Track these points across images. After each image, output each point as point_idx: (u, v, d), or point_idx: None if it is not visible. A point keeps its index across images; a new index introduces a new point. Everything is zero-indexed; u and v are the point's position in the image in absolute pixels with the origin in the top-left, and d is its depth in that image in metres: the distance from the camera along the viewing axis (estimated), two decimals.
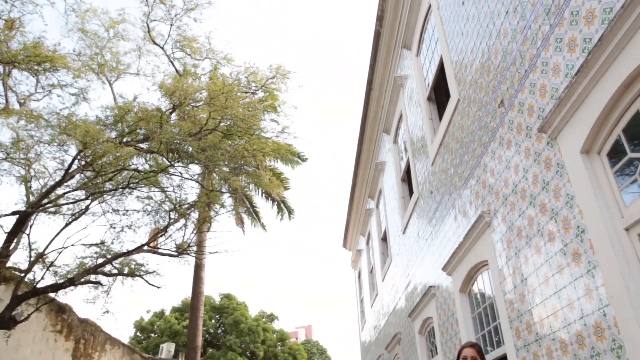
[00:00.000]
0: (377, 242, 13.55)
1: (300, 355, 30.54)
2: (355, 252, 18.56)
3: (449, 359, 7.04)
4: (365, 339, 17.22)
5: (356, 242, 18.17)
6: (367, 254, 16.07)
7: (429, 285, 7.96)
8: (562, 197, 3.89)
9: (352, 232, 18.08)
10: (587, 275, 3.58)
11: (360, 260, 17.75)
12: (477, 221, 5.52)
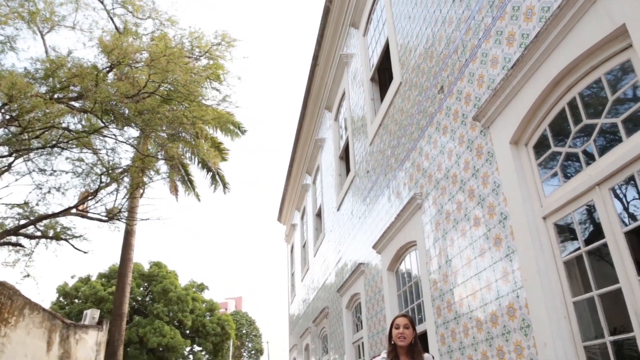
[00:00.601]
0: (312, 218, 13.70)
1: (228, 326, 30.59)
2: (290, 227, 18.68)
3: (373, 334, 7.30)
4: (294, 312, 17.50)
5: (291, 216, 18.28)
6: (301, 229, 16.22)
7: (359, 262, 8.16)
8: (490, 185, 4.08)
9: (288, 206, 18.16)
10: (506, 259, 3.80)
11: (294, 235, 17.90)
12: (409, 202, 5.70)
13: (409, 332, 3.57)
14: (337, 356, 9.88)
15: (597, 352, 3.20)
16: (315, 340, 12.67)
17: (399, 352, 3.57)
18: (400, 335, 3.54)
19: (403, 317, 3.65)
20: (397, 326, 3.58)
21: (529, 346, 3.49)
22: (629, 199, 3.88)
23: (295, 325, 17.05)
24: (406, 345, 3.54)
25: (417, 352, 3.58)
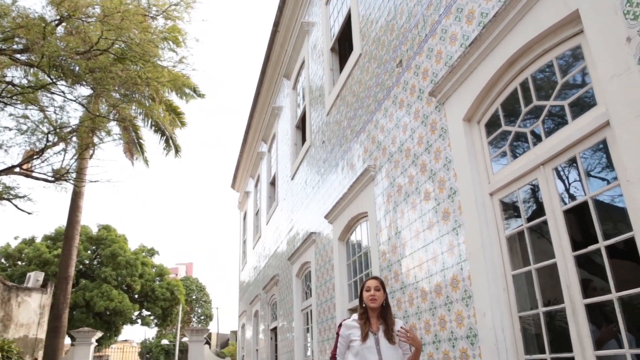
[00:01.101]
0: (266, 186, 13.67)
1: (178, 291, 30.42)
2: (243, 194, 18.59)
3: (322, 302, 7.45)
4: (245, 279, 17.58)
5: (245, 183, 18.17)
6: (254, 197, 16.17)
7: (311, 231, 8.24)
8: (442, 160, 4.17)
9: (242, 173, 18.02)
10: (453, 233, 3.93)
11: (247, 202, 17.84)
12: (362, 174, 5.76)
13: (380, 294, 3.47)
14: (286, 323, 10.05)
15: (531, 322, 3.39)
16: (264, 307, 12.81)
17: (370, 314, 3.47)
18: (372, 297, 3.44)
19: (374, 279, 3.56)
20: (368, 288, 3.48)
21: (469, 316, 3.65)
22: (570, 179, 4.06)
23: (245, 292, 17.16)
24: (377, 307, 3.46)
25: (388, 314, 3.49)
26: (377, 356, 3.29)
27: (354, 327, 3.44)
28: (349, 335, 3.43)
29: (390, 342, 3.33)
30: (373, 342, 3.34)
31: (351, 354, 3.39)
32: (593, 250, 2.85)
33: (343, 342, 3.46)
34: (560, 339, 3.17)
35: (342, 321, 3.56)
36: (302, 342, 8.88)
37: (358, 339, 3.36)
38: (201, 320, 49.38)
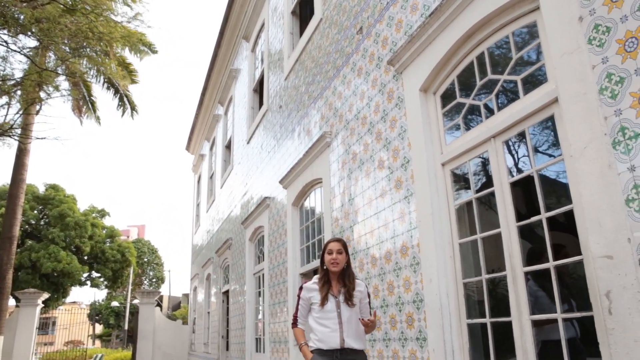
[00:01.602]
0: (221, 149, 13.48)
1: (129, 253, 29.95)
2: (198, 157, 18.29)
3: (274, 266, 7.51)
4: (198, 242, 17.48)
5: (200, 146, 17.85)
6: (209, 160, 15.95)
7: (265, 196, 8.23)
8: (397, 129, 4.21)
9: (197, 136, 17.68)
10: (404, 201, 4.00)
11: (202, 165, 17.58)
12: (318, 140, 5.76)
13: (342, 257, 3.34)
14: (238, 286, 10.10)
15: (474, 288, 3.53)
16: (217, 270, 12.82)
17: (331, 277, 3.37)
18: (333, 261, 3.31)
19: (336, 241, 3.40)
20: (330, 251, 3.35)
21: (416, 282, 3.77)
22: (518, 153, 4.19)
23: (198, 255, 17.08)
24: (339, 271, 3.35)
25: (349, 276, 3.37)
26: (337, 319, 3.25)
27: (315, 290, 3.36)
28: (309, 298, 3.37)
29: (350, 305, 3.28)
30: (333, 306, 3.28)
31: (312, 318, 3.36)
32: (536, 222, 2.98)
33: (304, 305, 3.41)
34: (500, 304, 3.33)
35: (303, 284, 3.48)
36: (254, 306, 8.97)
37: (318, 303, 3.30)
38: (153, 282, 49.03)
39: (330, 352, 3.22)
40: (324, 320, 3.28)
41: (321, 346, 3.24)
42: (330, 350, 3.22)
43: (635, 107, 2.24)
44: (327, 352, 3.22)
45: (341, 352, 3.22)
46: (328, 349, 3.22)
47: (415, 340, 3.73)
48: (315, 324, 3.32)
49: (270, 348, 7.44)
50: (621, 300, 2.21)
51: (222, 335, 11.82)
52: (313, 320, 3.35)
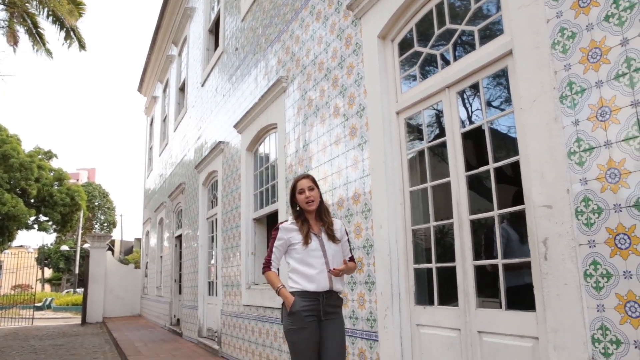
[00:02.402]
0: (175, 91, 13.07)
1: (79, 197, 29.16)
2: (151, 99, 17.69)
3: (228, 210, 7.49)
4: (150, 186, 17.18)
5: (153, 88, 17.24)
6: (162, 102, 15.46)
7: (219, 140, 8.10)
8: (354, 76, 4.17)
9: (150, 77, 17.03)
10: (358, 149, 4.02)
11: (155, 108, 17.05)
12: (274, 85, 5.65)
13: (315, 193, 3.10)
14: (191, 231, 10.07)
15: (422, 235, 3.64)
16: (169, 214, 12.70)
17: (307, 216, 3.12)
18: (308, 200, 3.06)
19: (305, 178, 3.14)
20: (302, 190, 3.09)
21: (367, 228, 3.85)
22: (471, 104, 4.25)
23: (150, 200, 16.84)
24: (315, 209, 3.11)
25: (324, 211, 3.16)
26: (324, 259, 3.01)
27: (294, 231, 3.08)
28: (288, 240, 3.08)
29: (334, 242, 3.07)
30: (318, 245, 3.03)
31: (293, 259, 3.08)
32: (484, 175, 3.07)
33: (281, 247, 3.11)
34: (445, 250, 3.46)
35: (279, 224, 3.17)
36: (207, 250, 9.00)
37: (299, 243, 3.03)
38: (104, 227, 48.25)
39: (316, 294, 2.97)
40: (310, 260, 3.01)
41: (308, 287, 2.97)
42: (316, 292, 2.97)
43: (583, 63, 2.29)
44: (313, 294, 2.97)
45: (327, 294, 3.01)
46: (315, 290, 2.96)
47: (364, 284, 3.85)
48: (299, 265, 3.04)
49: (222, 291, 7.54)
50: (556, 247, 2.33)
51: (174, 279, 11.86)
52: (295, 261, 3.06)
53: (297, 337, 2.96)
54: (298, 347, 2.97)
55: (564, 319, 2.27)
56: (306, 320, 2.95)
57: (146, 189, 18.32)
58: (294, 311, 2.95)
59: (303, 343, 2.95)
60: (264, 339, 5.75)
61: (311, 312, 2.96)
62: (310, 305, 2.96)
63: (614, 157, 2.13)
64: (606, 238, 2.14)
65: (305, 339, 2.95)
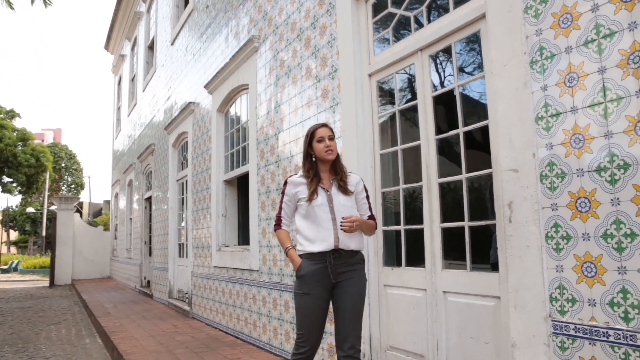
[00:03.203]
0: (143, 50, 12.67)
1: (44, 158, 28.41)
2: (118, 57, 17.13)
3: (198, 172, 7.42)
4: (119, 147, 16.83)
5: (120, 45, 16.67)
6: (130, 61, 14.99)
7: (189, 101, 7.94)
8: (326, 37, 4.10)
9: (117, 34, 16.43)
10: (330, 110, 4.00)
11: (123, 67, 16.53)
12: (246, 44, 5.53)
13: (334, 143, 2.85)
14: (161, 193, 9.96)
15: (392, 198, 3.68)
16: (139, 176, 12.51)
17: (320, 168, 2.85)
18: (328, 148, 2.79)
19: (324, 127, 2.87)
20: (321, 139, 2.80)
21: None
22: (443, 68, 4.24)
23: (119, 161, 16.52)
24: (333, 159, 2.84)
25: (339, 166, 2.89)
26: (330, 215, 2.73)
27: (302, 184, 2.83)
28: (296, 194, 2.83)
29: (344, 194, 2.79)
30: (325, 199, 2.76)
31: (299, 215, 2.83)
32: (455, 140, 3.09)
33: (289, 203, 2.86)
34: (414, 213, 3.50)
35: (287, 178, 2.93)
36: (177, 212, 8.93)
37: (306, 197, 2.78)
38: (72, 189, 47.33)
39: (322, 254, 2.70)
40: (314, 217, 2.75)
41: (311, 249, 2.72)
42: (321, 252, 2.70)
43: (554, 28, 2.29)
44: (318, 255, 2.71)
45: (335, 254, 2.71)
46: (319, 251, 2.70)
47: None
48: (303, 222, 2.80)
49: (193, 253, 7.54)
50: (521, 210, 2.39)
51: (144, 241, 11.79)
52: (300, 219, 2.82)
53: (301, 302, 2.76)
54: (301, 312, 2.77)
55: (524, 279, 2.34)
56: (311, 285, 2.71)
57: (114, 150, 17.95)
58: (299, 275, 2.75)
59: (306, 309, 2.75)
60: (234, 300, 5.81)
61: (318, 276, 2.70)
62: (317, 269, 2.70)
63: (579, 122, 2.16)
64: (568, 201, 2.19)
65: (308, 306, 2.74)
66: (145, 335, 5.89)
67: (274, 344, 4.77)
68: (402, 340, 3.34)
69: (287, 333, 4.53)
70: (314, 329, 2.75)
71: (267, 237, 4.97)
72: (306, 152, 2.90)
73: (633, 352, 1.94)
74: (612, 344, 2.00)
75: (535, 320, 2.29)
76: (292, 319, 4.44)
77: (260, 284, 5.12)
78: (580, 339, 2.12)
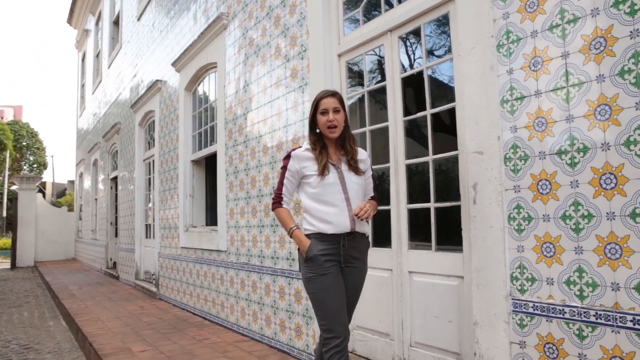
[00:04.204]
0: (108, 25, 12.28)
1: (4, 136, 27.54)
2: (82, 32, 16.56)
3: (165, 152, 7.29)
4: (83, 126, 16.39)
5: (84, 20, 16.11)
6: (95, 36, 14.53)
7: (156, 79, 7.76)
8: (296, 15, 4.05)
9: (81, 7, 15.86)
10: (299, 91, 3.97)
11: (87, 42, 16.01)
12: (214, 21, 5.41)
13: (340, 116, 2.52)
14: (127, 173, 9.77)
15: None
16: (104, 155, 12.23)
17: (327, 142, 2.57)
18: (330, 123, 2.49)
19: (330, 96, 2.53)
20: (325, 111, 2.50)
21: None
22: (415, 54, 4.25)
23: (83, 140, 16.10)
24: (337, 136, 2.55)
25: (349, 139, 2.59)
26: (342, 194, 2.47)
27: (308, 159, 2.54)
28: (301, 170, 2.53)
29: (356, 174, 2.53)
30: (336, 177, 2.49)
31: (306, 196, 2.53)
32: (422, 122, 3.11)
33: (292, 179, 2.57)
34: (382, 194, 3.52)
35: (291, 151, 2.61)
36: (144, 192, 8.78)
37: (314, 174, 2.49)
38: (34, 168, 45.93)
39: (336, 237, 2.44)
40: (326, 197, 2.47)
41: (325, 229, 2.44)
42: (336, 234, 2.44)
43: (521, 12, 2.32)
44: (332, 237, 2.44)
45: (350, 237, 2.47)
46: (334, 232, 2.43)
47: None
48: (314, 202, 2.50)
49: (160, 234, 7.44)
50: (485, 191, 2.43)
51: (110, 222, 11.58)
52: (308, 197, 2.52)
53: (318, 286, 2.43)
54: (320, 298, 2.43)
55: (487, 259, 2.40)
56: (326, 265, 2.43)
57: (79, 129, 17.47)
58: (310, 256, 2.43)
59: (325, 292, 2.42)
60: (201, 281, 5.78)
61: (331, 256, 2.44)
62: (329, 249, 2.44)
63: (543, 106, 2.20)
64: (530, 184, 2.24)
65: (327, 287, 2.42)
66: (111, 317, 5.82)
67: (242, 324, 4.78)
68: (368, 320, 3.39)
69: (255, 313, 4.54)
70: (339, 315, 2.42)
71: (235, 217, 4.94)
72: (311, 123, 2.62)
73: (586, 327, 2.01)
74: (567, 321, 2.08)
75: (497, 299, 2.36)
76: (260, 299, 4.45)
77: (228, 264, 5.11)
78: (538, 317, 2.19)
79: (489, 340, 2.38)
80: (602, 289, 1.97)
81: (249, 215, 4.68)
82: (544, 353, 2.17)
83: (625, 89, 1.91)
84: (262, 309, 4.42)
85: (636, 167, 1.87)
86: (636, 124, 1.88)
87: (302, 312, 3.87)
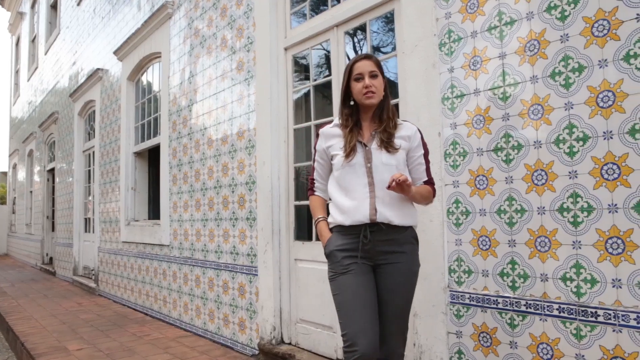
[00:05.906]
0: (45, 9, 11.69)
1: None
2: (16, 14, 15.68)
3: (106, 143, 7.04)
4: (17, 114, 15.56)
5: (18, 2, 15.27)
6: (30, 20, 13.80)
7: (97, 67, 7.47)
8: (243, 6, 4.00)
9: None
10: (244, 83, 3.93)
11: (22, 25, 15.18)
12: (159, 10, 5.26)
13: (379, 82, 2.08)
14: (65, 164, 9.36)
15: (305, 173, 3.70)
16: (40, 146, 11.66)
17: (362, 115, 2.14)
18: (367, 89, 2.04)
19: (367, 59, 2.09)
20: (360, 76, 2.07)
21: (250, 164, 3.83)
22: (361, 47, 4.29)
23: (17, 129, 15.29)
24: (376, 104, 2.10)
25: (387, 111, 2.11)
26: (366, 178, 2.02)
27: (336, 137, 2.14)
28: (328, 149, 2.15)
29: (387, 151, 2.02)
30: (362, 158, 2.04)
31: (332, 177, 2.15)
32: None
33: (322, 161, 2.19)
34: None
35: (320, 129, 2.22)
36: (83, 185, 8.45)
37: (339, 155, 2.08)
38: None
39: (355, 228, 2.02)
40: (346, 182, 2.06)
41: (342, 220, 2.04)
42: (354, 226, 2.01)
43: (462, 12, 2.39)
44: (350, 229, 2.02)
45: (372, 228, 2.00)
46: (352, 224, 2.01)
47: (246, 220, 3.87)
48: (335, 188, 2.13)
49: (100, 228, 7.19)
50: None
51: (47, 215, 11.08)
52: (332, 182, 2.16)
53: (336, 287, 2.05)
54: (339, 301, 2.03)
55: (427, 252, 2.46)
56: (345, 262, 2.02)
57: (12, 118, 16.58)
58: (327, 253, 2.10)
59: (344, 294, 2.01)
60: (143, 276, 5.63)
61: (351, 252, 2.02)
62: (348, 244, 2.03)
63: (481, 104, 2.28)
64: (468, 179, 2.32)
65: (346, 288, 2.00)
66: (45, 315, 5.58)
67: (184, 320, 4.70)
68: (311, 313, 3.41)
69: (198, 308, 4.48)
70: (361, 323, 1.94)
71: (179, 211, 4.85)
72: (344, 94, 2.16)
73: (517, 316, 2.11)
74: (500, 311, 2.17)
75: (435, 290, 2.43)
76: (203, 294, 4.39)
77: (170, 259, 5.00)
78: (473, 307, 2.28)
79: (428, 331, 2.45)
80: (532, 279, 2.07)
81: (193, 209, 4.60)
82: (478, 342, 2.26)
83: (556, 91, 2.01)
84: (206, 304, 4.36)
85: (565, 164, 1.97)
86: (565, 123, 1.98)
87: (245, 306, 3.85)
